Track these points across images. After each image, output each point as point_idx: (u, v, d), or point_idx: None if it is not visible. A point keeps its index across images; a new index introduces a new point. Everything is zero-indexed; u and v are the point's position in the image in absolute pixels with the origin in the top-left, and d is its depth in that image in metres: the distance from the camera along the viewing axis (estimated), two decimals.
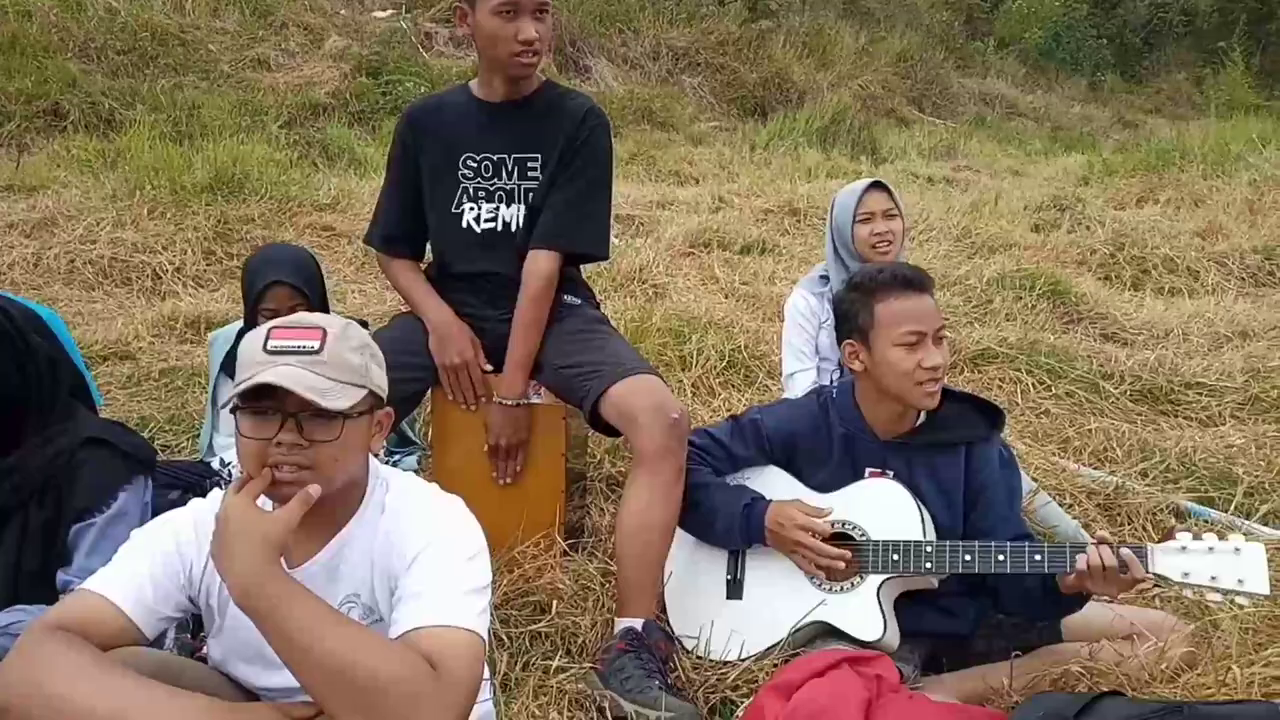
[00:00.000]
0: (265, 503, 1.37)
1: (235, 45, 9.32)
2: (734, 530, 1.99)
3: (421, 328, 2.23)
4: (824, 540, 1.93)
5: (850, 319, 2.00)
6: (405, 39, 10.16)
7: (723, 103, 12.66)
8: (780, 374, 3.07)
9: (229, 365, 2.57)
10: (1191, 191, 7.37)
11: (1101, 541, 1.71)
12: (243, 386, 1.33)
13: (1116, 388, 3.60)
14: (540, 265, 2.17)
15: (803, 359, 2.81)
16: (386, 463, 2.89)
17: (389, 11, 11.06)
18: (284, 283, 2.38)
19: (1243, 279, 5.49)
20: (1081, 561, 1.70)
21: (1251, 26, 19.34)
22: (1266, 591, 1.61)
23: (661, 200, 7.01)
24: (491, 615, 1.79)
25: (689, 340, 3.74)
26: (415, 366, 2.17)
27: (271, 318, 2.39)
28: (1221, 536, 1.68)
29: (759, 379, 3.66)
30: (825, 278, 2.83)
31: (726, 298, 4.67)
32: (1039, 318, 4.43)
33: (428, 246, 2.39)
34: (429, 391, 2.32)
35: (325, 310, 2.50)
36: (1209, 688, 1.73)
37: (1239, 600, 1.63)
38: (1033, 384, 3.61)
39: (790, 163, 8.95)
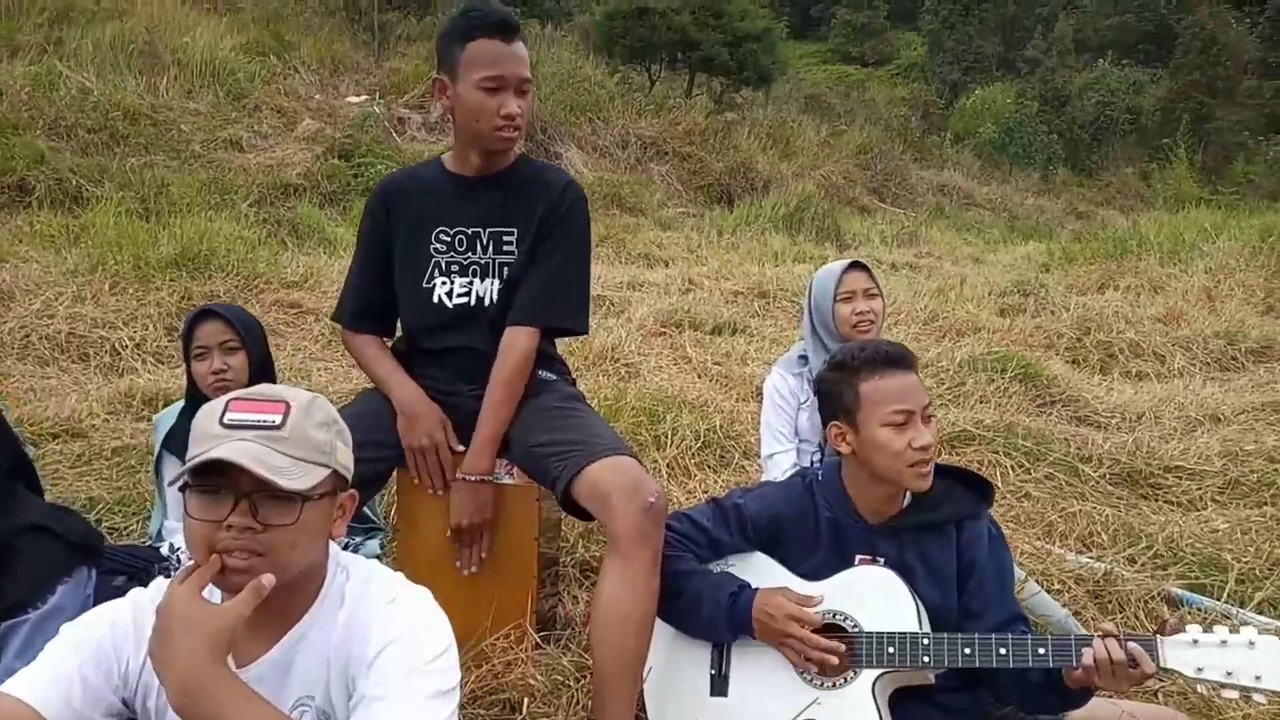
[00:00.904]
0: (213, 592, 1.24)
1: (208, 126, 9.33)
2: (719, 621, 1.87)
3: (388, 405, 2.13)
4: (816, 631, 1.82)
5: (834, 400, 1.92)
6: (378, 124, 10.25)
7: (690, 190, 12.89)
8: (757, 455, 2.99)
9: (170, 442, 2.43)
10: (1150, 279, 7.53)
11: (1107, 635, 1.62)
12: (193, 462, 1.21)
13: (1095, 470, 3.56)
14: (518, 341, 2.09)
15: (782, 440, 2.74)
16: (346, 547, 2.78)
17: (363, 97, 11.20)
18: (215, 313, 2.29)
19: (1207, 363, 5.55)
20: (1088, 656, 1.61)
21: (1194, 125, 20.20)
22: None
23: (632, 281, 7.02)
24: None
25: (663, 420, 3.66)
26: (380, 445, 2.06)
27: (203, 357, 2.30)
28: (1232, 629, 1.60)
29: (734, 460, 3.58)
30: (804, 358, 2.78)
31: (699, 377, 4.62)
32: (1013, 400, 4.42)
33: (396, 324, 2.30)
34: (394, 472, 2.20)
35: (268, 365, 2.39)
36: None
37: (1256, 698, 1.54)
38: (1012, 466, 3.57)
39: (758, 247, 9.05)
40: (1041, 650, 1.68)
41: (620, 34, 16.03)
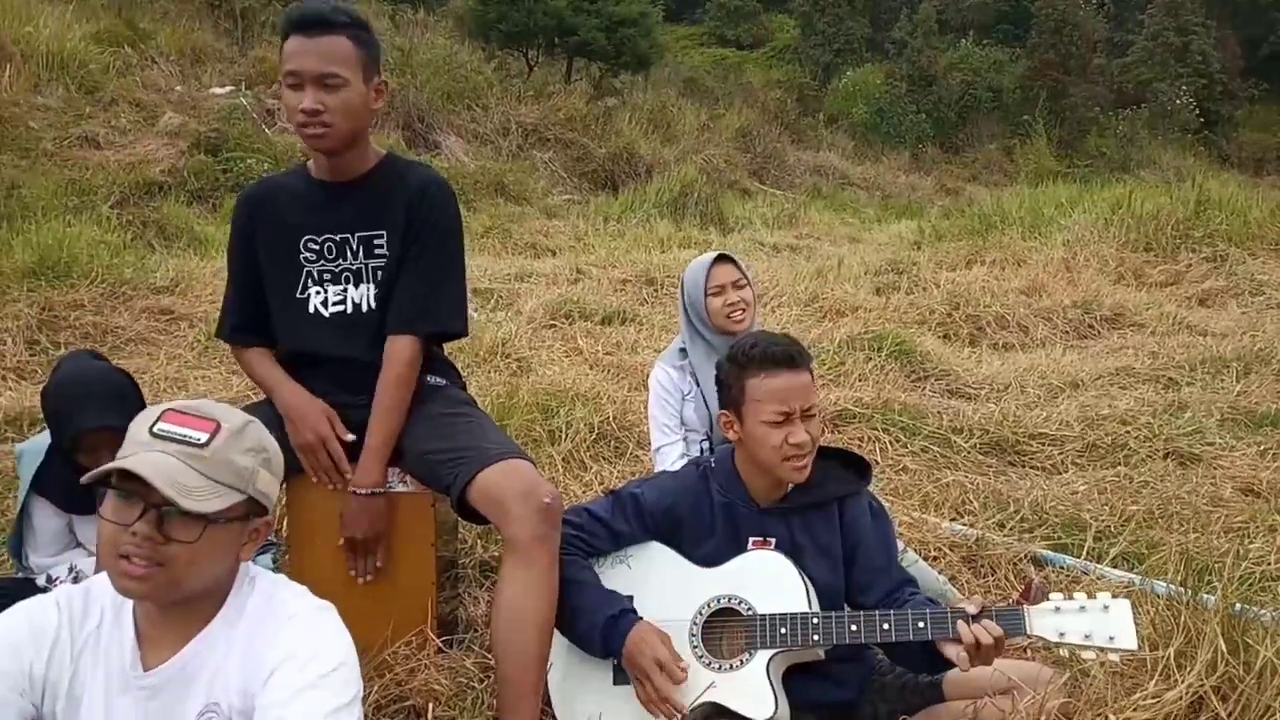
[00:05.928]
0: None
1: (59, 123, 8.78)
2: (594, 639, 1.92)
3: (274, 416, 2.08)
4: (712, 616, 1.89)
5: (725, 391, 2.02)
6: (245, 116, 9.85)
7: (574, 176, 12.87)
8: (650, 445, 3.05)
9: (38, 483, 2.27)
10: (1013, 252, 7.94)
11: (978, 615, 1.73)
12: (110, 466, 1.25)
13: (966, 441, 3.77)
14: (399, 350, 2.08)
15: (668, 433, 2.81)
16: None
17: (228, 88, 10.72)
18: (107, 428, 2.04)
19: (1066, 332, 5.92)
20: (967, 636, 1.72)
21: (1051, 102, 21.29)
22: (1135, 647, 1.68)
23: (519, 273, 6.99)
24: None
25: (557, 414, 3.68)
26: None
27: (91, 463, 2.07)
28: (1089, 595, 1.74)
29: (629, 449, 3.63)
30: (684, 350, 2.86)
31: (591, 368, 4.65)
32: (889, 377, 4.62)
33: None
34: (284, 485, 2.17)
35: None
36: None
37: (1110, 656, 1.69)
38: (890, 441, 3.74)
39: (644, 234, 9.13)
40: (921, 624, 1.80)
41: (495, 19, 15.85)
